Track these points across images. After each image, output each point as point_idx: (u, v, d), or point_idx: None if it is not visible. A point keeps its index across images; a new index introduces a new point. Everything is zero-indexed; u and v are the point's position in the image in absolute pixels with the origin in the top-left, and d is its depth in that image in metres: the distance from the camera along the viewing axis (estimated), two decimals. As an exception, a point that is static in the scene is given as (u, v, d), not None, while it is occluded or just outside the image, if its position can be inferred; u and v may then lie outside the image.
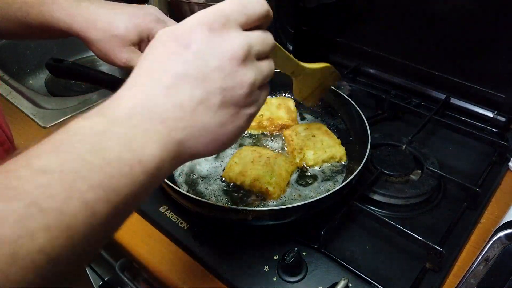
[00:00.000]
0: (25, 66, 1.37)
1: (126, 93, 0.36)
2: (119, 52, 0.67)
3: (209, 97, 0.37)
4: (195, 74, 0.36)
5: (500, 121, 0.93)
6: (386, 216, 0.70)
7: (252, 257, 0.65)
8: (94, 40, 0.66)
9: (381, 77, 1.10)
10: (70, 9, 0.65)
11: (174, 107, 0.36)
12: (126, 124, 0.34)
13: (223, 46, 0.37)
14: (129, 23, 0.66)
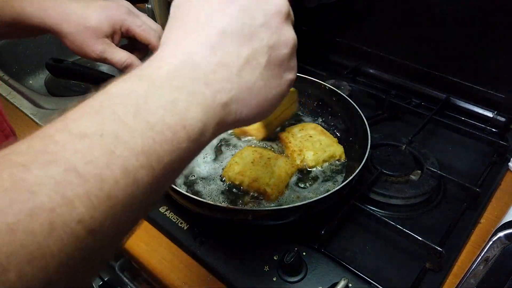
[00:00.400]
0: (25, 66, 1.37)
1: (166, 53, 0.34)
2: (93, 44, 0.67)
3: (256, 55, 0.35)
4: (241, 31, 0.34)
5: (500, 121, 0.93)
6: (386, 216, 0.70)
7: (252, 257, 0.65)
8: (67, 33, 0.66)
9: (381, 77, 1.10)
10: (42, 4, 0.65)
11: (220, 67, 0.34)
12: (168, 86, 0.31)
13: (268, 1, 0.36)
14: (102, 15, 0.66)
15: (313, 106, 0.91)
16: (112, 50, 0.69)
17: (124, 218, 0.27)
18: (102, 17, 0.66)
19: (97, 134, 0.27)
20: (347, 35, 1.14)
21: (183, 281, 0.64)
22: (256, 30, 0.35)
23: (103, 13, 0.66)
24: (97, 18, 0.66)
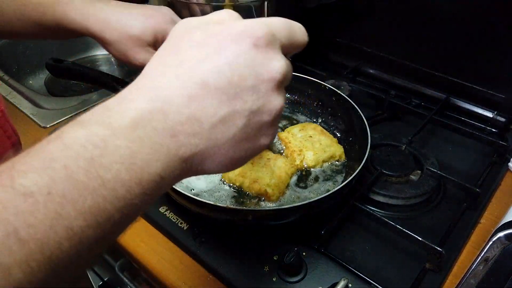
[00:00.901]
0: (25, 66, 1.37)
1: (135, 94, 0.31)
2: (136, 52, 0.68)
3: (234, 117, 0.32)
4: (226, 88, 0.32)
5: (500, 121, 0.93)
6: (386, 216, 0.70)
7: (252, 257, 0.65)
8: (111, 41, 0.67)
9: (381, 77, 1.10)
10: (85, 10, 0.66)
11: (191, 120, 0.31)
12: (129, 136, 0.29)
13: (264, 66, 0.33)
14: (145, 24, 0.67)
15: (313, 106, 0.91)
16: None
17: (67, 273, 0.26)
18: (146, 26, 0.67)
19: (44, 193, 0.25)
20: (347, 35, 1.14)
21: (183, 281, 0.64)
22: (242, 91, 0.32)
23: (146, 23, 0.67)
24: (141, 28, 0.66)
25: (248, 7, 0.90)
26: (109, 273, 0.97)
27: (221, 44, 0.32)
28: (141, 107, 0.30)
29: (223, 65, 0.32)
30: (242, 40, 0.32)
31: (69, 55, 1.45)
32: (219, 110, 0.32)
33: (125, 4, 0.69)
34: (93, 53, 1.51)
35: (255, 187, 0.70)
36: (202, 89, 0.31)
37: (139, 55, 0.68)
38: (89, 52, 1.51)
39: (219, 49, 0.32)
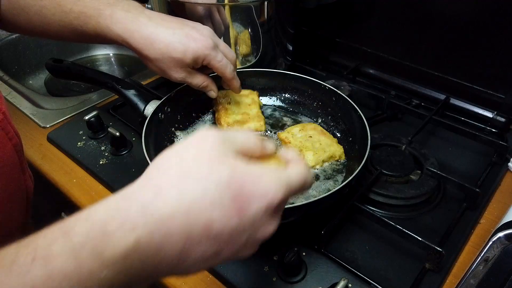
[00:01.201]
0: (24, 66, 1.37)
1: (137, 221, 0.31)
2: (175, 72, 0.71)
3: (216, 257, 0.36)
4: (224, 238, 0.34)
5: (500, 122, 0.93)
6: (385, 216, 0.70)
7: (252, 257, 0.65)
8: (152, 59, 0.69)
9: (381, 78, 1.10)
10: (128, 25, 0.67)
11: (181, 257, 0.33)
12: (117, 267, 0.30)
13: (262, 230, 0.38)
14: (188, 47, 0.68)
15: (313, 106, 0.91)
16: (191, 76, 0.74)
17: None
18: (188, 50, 0.68)
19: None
20: (347, 35, 1.14)
21: (183, 281, 0.64)
22: (234, 243, 0.36)
23: (189, 46, 0.68)
24: (183, 51, 0.68)
25: (248, 7, 0.90)
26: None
27: (241, 204, 0.34)
28: (139, 239, 0.31)
29: (232, 217, 0.34)
30: (260, 206, 0.35)
31: (69, 55, 1.45)
32: (205, 253, 0.34)
33: (167, 19, 0.69)
34: (93, 53, 1.51)
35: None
36: (205, 229, 0.33)
37: (178, 74, 0.71)
38: (89, 52, 1.51)
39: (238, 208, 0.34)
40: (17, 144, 0.60)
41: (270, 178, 0.36)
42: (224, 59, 0.73)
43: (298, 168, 0.40)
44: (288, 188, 0.37)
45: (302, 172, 0.40)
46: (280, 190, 0.36)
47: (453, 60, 0.98)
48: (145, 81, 1.12)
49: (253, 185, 0.34)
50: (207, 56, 0.70)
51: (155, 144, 0.76)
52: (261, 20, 0.93)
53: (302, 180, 0.39)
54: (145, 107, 0.84)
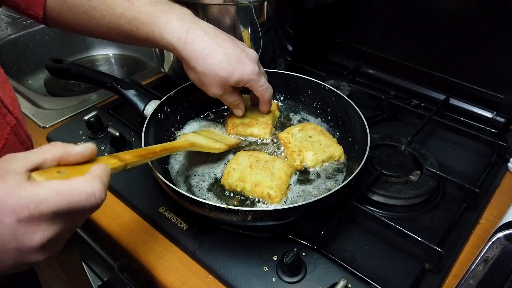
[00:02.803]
0: (24, 66, 1.37)
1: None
2: (215, 88, 0.73)
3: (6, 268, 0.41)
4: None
5: (500, 122, 0.93)
6: (385, 216, 0.70)
7: (252, 258, 0.65)
8: (198, 72, 0.70)
9: (380, 78, 1.10)
10: (182, 36, 0.68)
11: None
12: None
13: (27, 238, 0.40)
14: (235, 70, 0.70)
15: (313, 106, 0.91)
16: (228, 94, 0.76)
17: None
18: (235, 72, 0.70)
19: None
20: (346, 36, 1.14)
21: (182, 281, 0.64)
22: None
23: (237, 69, 0.70)
24: (230, 72, 0.70)
25: (248, 7, 0.90)
26: (108, 274, 0.96)
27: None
28: None
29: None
30: (10, 216, 0.39)
31: (68, 55, 1.45)
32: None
33: (220, 35, 0.71)
34: (93, 53, 1.51)
35: (257, 191, 0.69)
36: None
37: (216, 91, 0.73)
38: (88, 52, 1.51)
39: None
40: (28, 148, 0.60)
41: (22, 195, 0.39)
42: (266, 83, 0.76)
43: (78, 181, 0.42)
44: (45, 204, 0.40)
45: (77, 187, 0.42)
46: (27, 205, 0.39)
47: (452, 60, 0.98)
48: (145, 81, 1.12)
49: (6, 199, 0.39)
50: (251, 81, 0.73)
51: (154, 144, 0.76)
52: (261, 20, 0.93)
53: (70, 196, 0.41)
54: (145, 107, 0.84)
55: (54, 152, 0.43)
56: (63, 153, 0.44)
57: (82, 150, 0.45)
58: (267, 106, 0.82)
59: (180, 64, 1.00)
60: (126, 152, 0.57)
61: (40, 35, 1.40)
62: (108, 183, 0.46)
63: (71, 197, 0.41)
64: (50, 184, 0.41)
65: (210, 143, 0.77)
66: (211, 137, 0.81)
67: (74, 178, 0.42)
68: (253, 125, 0.85)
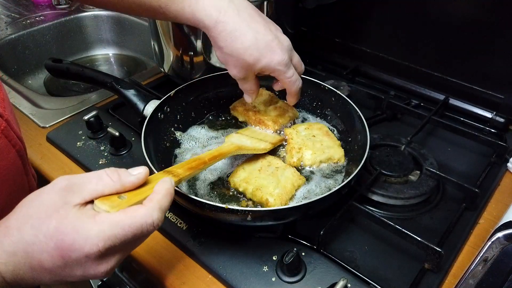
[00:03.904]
0: (24, 66, 1.37)
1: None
2: (237, 71, 0.70)
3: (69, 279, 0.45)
4: (56, 271, 0.43)
5: (499, 122, 0.93)
6: (385, 216, 0.70)
7: (251, 258, 0.65)
8: (225, 52, 0.67)
9: (380, 78, 1.10)
10: (214, 14, 0.65)
11: (27, 281, 0.43)
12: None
13: (93, 269, 0.44)
14: (262, 58, 0.67)
15: (312, 106, 0.91)
16: (247, 80, 0.72)
17: None
18: (262, 60, 0.67)
19: None
20: (346, 36, 1.14)
21: (182, 281, 0.64)
22: (70, 274, 0.44)
23: (264, 57, 0.67)
24: (257, 59, 0.67)
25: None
26: (108, 273, 0.96)
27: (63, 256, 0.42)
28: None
29: (65, 263, 0.43)
30: (78, 253, 0.42)
31: (68, 55, 1.45)
32: (53, 279, 0.44)
33: (254, 16, 0.67)
34: (92, 53, 1.51)
35: (257, 195, 0.69)
36: (40, 266, 0.43)
37: (238, 73, 0.70)
38: (88, 52, 1.51)
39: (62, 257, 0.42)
40: (20, 149, 0.60)
41: (89, 234, 0.42)
42: (294, 75, 0.72)
43: (139, 213, 0.45)
44: (112, 240, 0.43)
45: (139, 220, 0.45)
46: (96, 244, 0.42)
47: (452, 60, 0.98)
48: (145, 81, 1.12)
49: (73, 236, 0.42)
50: (277, 71, 0.69)
51: (154, 144, 0.76)
52: (260, 20, 0.93)
53: (133, 229, 0.44)
54: (145, 107, 0.84)
55: (114, 185, 0.46)
56: (120, 188, 0.46)
57: (136, 180, 0.48)
58: (294, 98, 0.78)
59: (179, 64, 1.00)
60: (177, 166, 0.59)
61: (39, 35, 1.40)
62: (169, 205, 0.49)
63: (134, 229, 0.44)
64: (114, 218, 0.43)
65: (255, 143, 0.76)
66: (254, 136, 0.79)
67: (135, 209, 0.45)
68: (253, 122, 0.85)
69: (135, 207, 0.46)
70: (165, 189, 0.49)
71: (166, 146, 0.81)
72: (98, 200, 0.45)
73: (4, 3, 1.56)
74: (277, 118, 0.85)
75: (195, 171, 0.61)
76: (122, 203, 0.45)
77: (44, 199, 0.44)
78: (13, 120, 0.60)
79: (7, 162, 0.57)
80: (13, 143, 0.58)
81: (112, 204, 0.45)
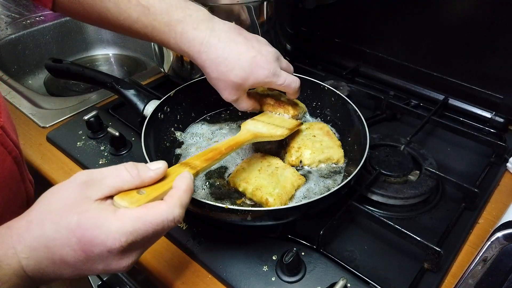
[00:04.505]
0: (24, 66, 1.37)
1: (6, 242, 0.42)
2: (229, 93, 0.72)
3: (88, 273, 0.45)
4: (78, 265, 0.43)
5: (498, 122, 0.93)
6: (384, 216, 0.70)
7: (251, 257, 0.65)
8: (214, 77, 0.70)
9: (380, 78, 1.10)
10: (197, 46, 0.68)
11: (49, 275, 0.44)
12: None
13: (115, 264, 0.44)
14: (249, 76, 0.69)
15: (312, 106, 0.91)
16: (242, 100, 0.75)
17: None
18: (250, 78, 0.69)
19: None
20: (345, 36, 1.14)
21: (182, 281, 0.64)
22: (91, 268, 0.44)
23: (251, 74, 0.69)
24: (244, 78, 0.69)
25: (248, 7, 0.90)
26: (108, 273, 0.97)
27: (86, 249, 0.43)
28: (20, 261, 0.42)
29: (88, 255, 0.43)
30: (101, 247, 0.42)
31: (68, 55, 1.45)
32: (74, 272, 0.44)
33: (235, 39, 0.69)
34: (93, 53, 1.51)
35: (257, 194, 0.69)
36: (61, 261, 0.43)
37: (230, 96, 0.72)
38: (88, 52, 1.51)
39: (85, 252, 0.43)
40: (16, 156, 0.59)
41: (111, 229, 0.42)
42: (287, 79, 0.73)
43: (160, 209, 0.45)
44: (134, 235, 0.43)
45: (160, 216, 0.45)
46: (119, 238, 0.42)
47: (452, 60, 0.98)
48: (145, 81, 1.12)
49: (95, 231, 0.42)
50: (268, 83, 0.71)
51: (154, 144, 0.76)
52: (260, 20, 0.93)
53: (154, 225, 0.44)
54: (145, 107, 0.84)
55: (133, 180, 0.46)
56: (139, 183, 0.47)
57: (155, 175, 0.48)
58: (294, 96, 0.80)
59: (179, 64, 1.00)
60: (194, 157, 0.59)
61: (40, 35, 1.40)
62: (189, 200, 0.49)
63: (155, 225, 0.44)
64: (135, 214, 0.44)
65: (272, 130, 0.76)
66: (271, 122, 0.79)
67: (156, 205, 0.45)
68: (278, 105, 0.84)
69: (156, 203, 0.46)
70: (185, 184, 0.49)
71: (166, 146, 0.81)
72: (117, 196, 0.45)
73: (4, 3, 1.56)
74: (294, 105, 0.85)
75: (213, 162, 0.61)
76: (141, 198, 0.46)
77: (64, 193, 0.44)
78: (9, 126, 0.59)
79: (3, 170, 0.56)
80: (9, 150, 0.58)
81: (131, 200, 0.45)
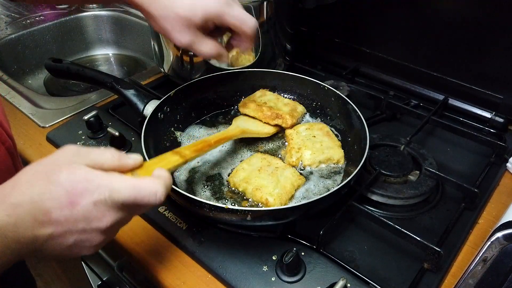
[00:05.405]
0: (24, 65, 1.37)
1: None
2: (181, 33, 0.63)
3: (66, 247, 0.45)
4: (63, 223, 0.43)
5: (498, 122, 0.93)
6: (384, 216, 0.70)
7: (251, 257, 0.65)
8: (155, 16, 0.63)
9: (379, 78, 1.10)
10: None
11: (26, 238, 0.42)
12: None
13: (96, 221, 0.45)
14: (197, 5, 0.61)
15: (312, 106, 0.91)
16: (200, 41, 0.65)
17: None
18: (197, 7, 0.61)
19: None
20: (345, 36, 1.14)
21: (182, 280, 0.64)
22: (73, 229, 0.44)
23: (198, 3, 0.61)
24: (191, 9, 0.61)
25: (248, 7, 0.90)
26: (108, 273, 0.97)
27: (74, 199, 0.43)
28: (1, 218, 0.41)
29: (73, 211, 0.43)
30: (89, 198, 0.44)
31: (68, 55, 1.45)
32: (53, 235, 0.44)
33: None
34: (92, 53, 1.51)
35: (257, 195, 0.69)
36: (45, 215, 0.43)
37: (183, 38, 0.63)
38: (88, 52, 1.51)
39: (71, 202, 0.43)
40: (10, 147, 0.59)
41: (100, 183, 0.44)
42: (241, 13, 0.64)
43: (147, 182, 0.47)
44: (118, 195, 0.44)
45: (146, 186, 0.46)
46: (104, 192, 0.44)
47: (451, 60, 0.98)
48: (145, 81, 1.12)
49: (85, 184, 0.43)
50: (220, 13, 0.63)
51: (154, 143, 0.76)
52: (260, 20, 0.93)
53: (137, 192, 0.46)
54: (145, 107, 0.84)
55: (113, 160, 0.48)
56: (118, 165, 0.48)
57: (133, 162, 0.50)
58: (247, 42, 0.68)
59: (179, 64, 1.00)
60: (185, 147, 0.64)
61: (39, 34, 1.40)
62: (170, 186, 0.51)
63: (138, 192, 0.46)
64: (123, 178, 0.46)
65: (260, 127, 0.79)
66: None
67: (144, 179, 0.48)
68: (278, 109, 0.85)
69: (145, 177, 0.49)
70: (166, 171, 0.51)
71: (166, 146, 0.81)
72: None
73: (4, 3, 1.56)
74: (291, 112, 0.85)
75: (201, 153, 0.66)
76: (133, 175, 0.50)
77: (54, 158, 0.46)
78: (2, 117, 0.59)
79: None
80: (3, 139, 0.58)
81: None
